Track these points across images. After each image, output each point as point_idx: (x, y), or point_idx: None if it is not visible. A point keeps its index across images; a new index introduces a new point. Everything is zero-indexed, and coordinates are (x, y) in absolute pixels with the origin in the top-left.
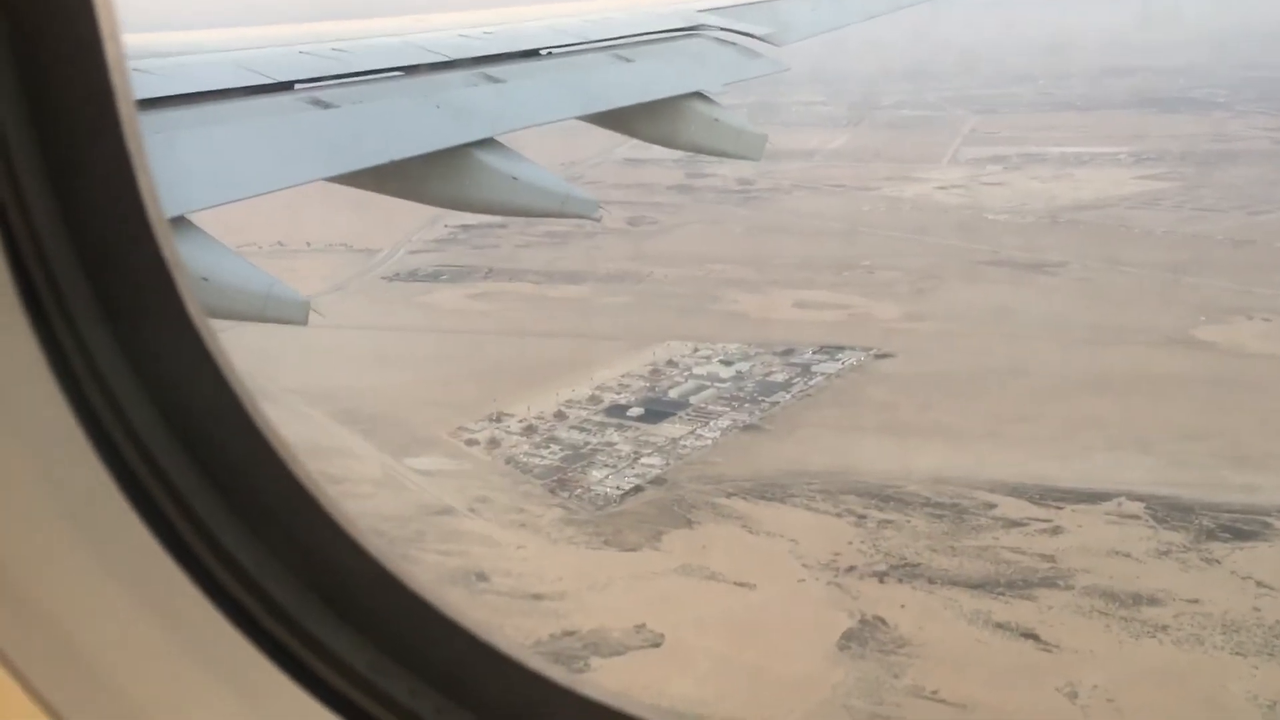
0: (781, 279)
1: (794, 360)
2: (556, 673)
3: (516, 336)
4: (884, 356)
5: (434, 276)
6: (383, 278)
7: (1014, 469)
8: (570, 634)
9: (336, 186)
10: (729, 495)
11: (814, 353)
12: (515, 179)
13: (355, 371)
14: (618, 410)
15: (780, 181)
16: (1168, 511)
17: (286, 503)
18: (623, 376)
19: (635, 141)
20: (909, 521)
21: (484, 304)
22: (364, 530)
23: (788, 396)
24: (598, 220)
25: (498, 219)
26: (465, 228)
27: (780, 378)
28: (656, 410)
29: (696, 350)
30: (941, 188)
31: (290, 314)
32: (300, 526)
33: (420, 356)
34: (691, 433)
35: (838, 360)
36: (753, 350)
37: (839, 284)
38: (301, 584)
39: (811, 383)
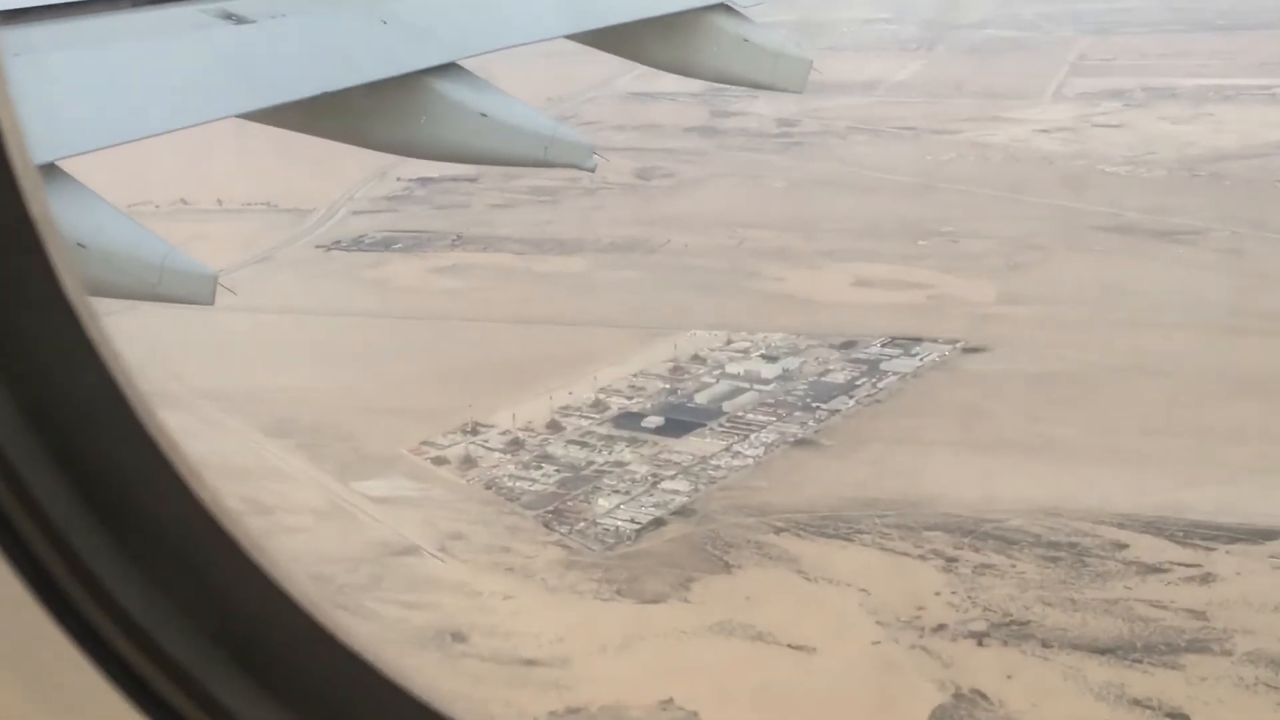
0: (837, 249)
1: (857, 355)
2: None
3: (495, 324)
4: (974, 351)
5: (385, 245)
6: (319, 246)
7: (1147, 497)
8: (575, 712)
9: (255, 126)
10: (778, 531)
11: (883, 345)
12: (485, 116)
13: (286, 369)
14: (629, 419)
15: (832, 122)
16: None
17: (188, 535)
18: (635, 376)
19: (643, 69)
20: (1014, 566)
21: (452, 280)
22: (289, 571)
23: (850, 403)
24: (593, 171)
25: (466, 169)
26: (424, 181)
27: (840, 378)
28: (680, 420)
29: (730, 342)
30: (1042, 131)
31: (193, 290)
32: (205, 565)
33: (370, 349)
34: (726, 449)
35: (914, 356)
36: (802, 342)
37: (912, 256)
38: (205, 637)
39: (881, 385)
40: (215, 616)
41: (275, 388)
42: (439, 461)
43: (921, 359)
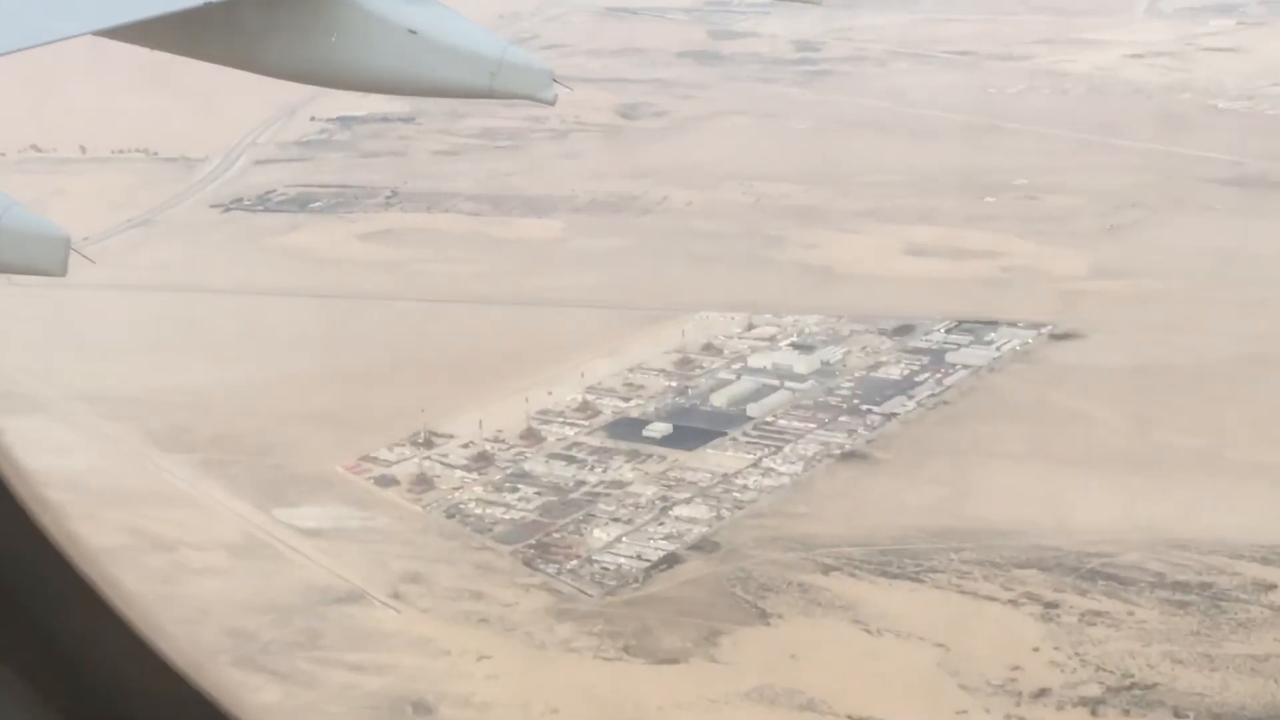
0: (881, 208)
1: (916, 344)
2: None
3: (445, 304)
4: (1063, 338)
5: (300, 203)
6: (214, 206)
7: None
8: None
9: (121, 48)
10: (826, 570)
11: (947, 331)
12: (414, 33)
13: (179, 364)
14: (627, 427)
15: (865, 45)
16: None
17: (28, 580)
18: (630, 371)
19: None
20: (1132, 613)
21: (388, 249)
22: (171, 630)
23: (910, 405)
24: (552, 103)
25: (398, 105)
26: (346, 121)
27: (895, 373)
28: (692, 427)
29: (751, 327)
30: (1135, 56)
31: (40, 258)
32: (54, 622)
33: (287, 338)
34: (755, 465)
35: (987, 344)
36: (844, 326)
37: (978, 217)
38: (54, 715)
39: (947, 381)
40: (64, 689)
41: (166, 388)
42: (385, 482)
43: (998, 348)
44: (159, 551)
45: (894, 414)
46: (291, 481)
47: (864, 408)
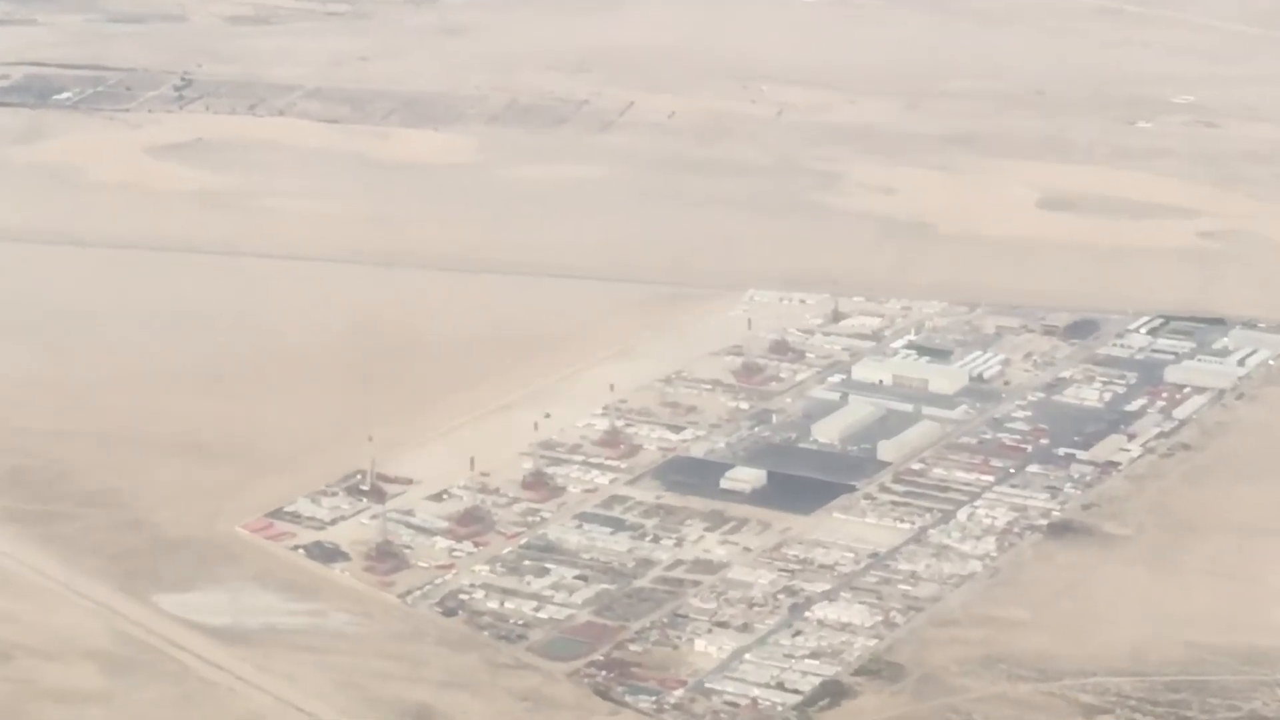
0: (980, 132)
1: (1107, 350)
2: None
3: (327, 263)
4: None
5: (39, 94)
6: None
7: None
8: None
9: None
10: (1091, 714)
11: (1150, 331)
12: None
13: None
14: (691, 472)
15: None
16: None
17: None
18: (667, 381)
19: None
20: None
21: (202, 172)
22: None
23: (1133, 449)
24: None
25: None
26: None
27: (1090, 395)
28: (795, 476)
29: (838, 316)
30: None
31: None
32: None
33: (93, 312)
34: (917, 539)
35: (1222, 354)
36: (984, 318)
37: (1136, 151)
38: None
39: (1179, 412)
40: None
41: None
42: (323, 553)
43: (1240, 361)
44: None
45: (1113, 463)
46: (166, 549)
47: (1061, 451)
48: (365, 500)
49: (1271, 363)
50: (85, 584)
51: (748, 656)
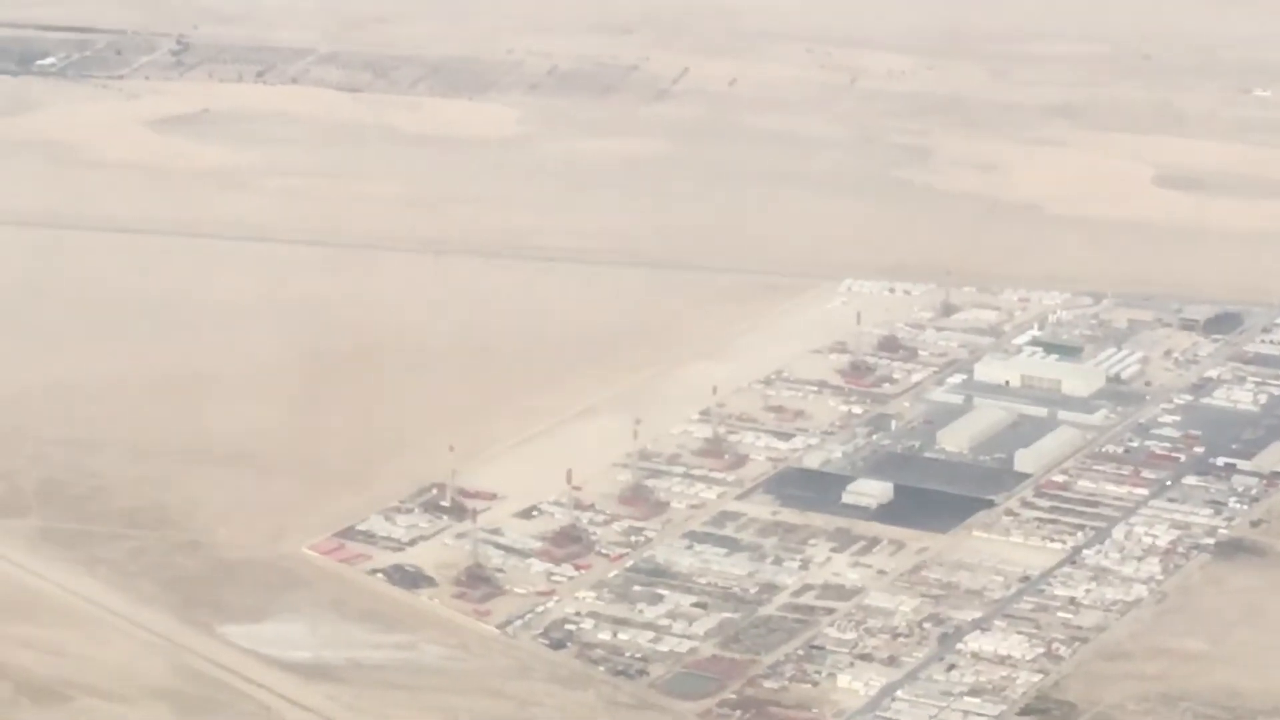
0: (1077, 102)
1: (1257, 348)
2: None
3: (367, 250)
4: None
5: (20, 59)
6: None
7: None
8: None
9: None
10: None
11: None
12: None
13: None
14: (807, 485)
15: None
16: None
17: None
18: (767, 384)
19: None
20: None
21: (212, 146)
22: None
23: None
24: None
25: None
26: None
27: (1244, 396)
28: (926, 490)
29: (949, 310)
30: None
31: None
32: None
33: (114, 306)
34: (1072, 560)
35: None
36: (1113, 310)
37: (1255, 123)
38: None
39: None
40: None
41: None
42: (404, 578)
43: None
44: (45, 703)
45: (1279, 474)
46: (226, 574)
47: (1219, 461)
48: (446, 518)
49: None
50: (140, 613)
51: (899, 694)
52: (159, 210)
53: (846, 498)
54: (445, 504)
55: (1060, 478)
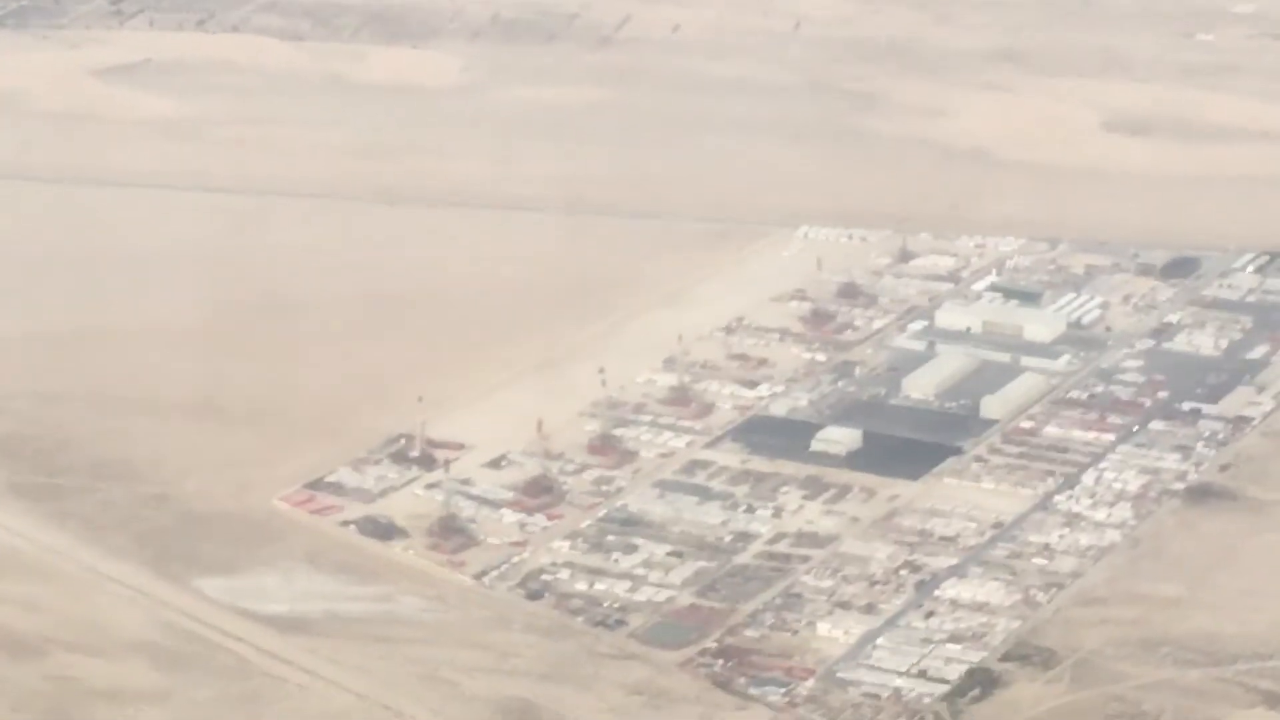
0: (1023, 48)
1: (1214, 292)
2: None
3: (321, 199)
4: None
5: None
6: None
7: None
8: None
9: None
10: (1275, 703)
11: (1258, 269)
12: None
13: None
14: (777, 433)
15: None
16: None
17: None
18: (729, 331)
19: None
20: None
21: (158, 97)
22: None
23: (1265, 401)
24: None
25: None
26: None
27: (1205, 341)
28: (894, 436)
29: (907, 256)
30: None
31: None
32: None
33: (67, 258)
34: (1042, 506)
35: None
36: (1070, 255)
37: (1199, 67)
38: None
39: None
40: None
41: None
42: (376, 529)
43: None
44: (22, 658)
45: (1245, 418)
46: (198, 526)
47: (1185, 406)
48: (415, 468)
49: None
50: (114, 567)
51: (879, 641)
52: (103, 160)
53: (815, 445)
54: (414, 455)
55: (1027, 424)
